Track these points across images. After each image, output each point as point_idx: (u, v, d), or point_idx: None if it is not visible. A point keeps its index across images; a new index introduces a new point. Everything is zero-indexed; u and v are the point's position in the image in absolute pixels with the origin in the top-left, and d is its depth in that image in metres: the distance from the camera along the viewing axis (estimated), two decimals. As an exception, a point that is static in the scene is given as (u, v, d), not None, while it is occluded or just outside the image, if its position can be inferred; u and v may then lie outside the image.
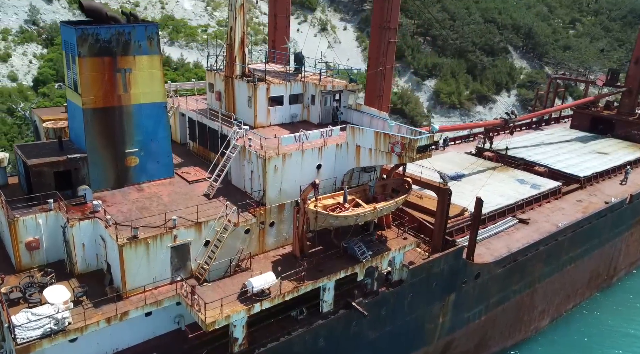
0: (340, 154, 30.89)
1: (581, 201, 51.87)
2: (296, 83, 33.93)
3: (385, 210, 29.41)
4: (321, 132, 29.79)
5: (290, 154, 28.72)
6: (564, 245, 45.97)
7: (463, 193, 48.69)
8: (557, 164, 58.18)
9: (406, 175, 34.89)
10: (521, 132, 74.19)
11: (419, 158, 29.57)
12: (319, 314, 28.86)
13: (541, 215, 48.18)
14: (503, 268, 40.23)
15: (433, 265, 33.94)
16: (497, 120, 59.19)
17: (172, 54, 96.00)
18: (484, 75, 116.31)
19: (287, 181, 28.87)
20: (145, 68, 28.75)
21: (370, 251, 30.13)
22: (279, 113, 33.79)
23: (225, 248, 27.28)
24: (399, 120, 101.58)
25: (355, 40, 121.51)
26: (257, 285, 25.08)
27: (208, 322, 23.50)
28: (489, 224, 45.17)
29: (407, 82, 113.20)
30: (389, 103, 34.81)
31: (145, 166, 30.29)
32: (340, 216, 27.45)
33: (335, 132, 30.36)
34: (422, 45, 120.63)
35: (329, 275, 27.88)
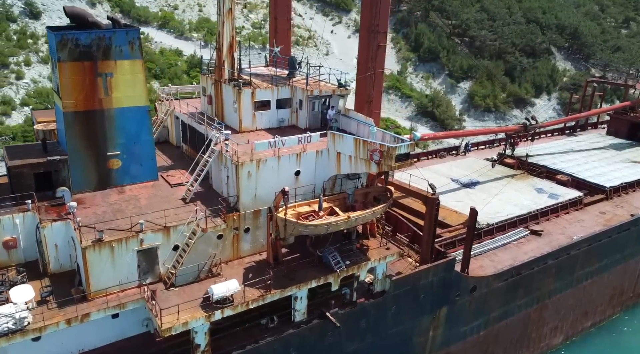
0: (321, 161, 30.30)
1: (604, 213, 49.13)
2: (284, 87, 33.56)
3: (361, 219, 28.60)
4: (299, 138, 29.30)
5: (265, 160, 28.37)
6: (579, 259, 43.59)
7: (474, 202, 47.02)
8: (583, 173, 55.36)
9: (393, 183, 33.91)
10: (552, 137, 71.22)
11: (398, 167, 28.65)
12: (290, 324, 28.39)
13: (557, 227, 45.93)
14: (504, 281, 38.52)
15: (420, 277, 32.82)
16: (515, 126, 56.84)
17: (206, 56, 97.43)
18: (522, 77, 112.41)
19: (262, 187, 28.55)
20: (127, 73, 29.09)
21: (347, 261, 29.40)
22: (265, 118, 33.50)
23: (196, 253, 27.25)
24: (429, 123, 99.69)
25: (390, 41, 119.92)
26: (218, 292, 24.87)
27: (164, 328, 23.47)
28: (497, 235, 43.45)
29: (441, 84, 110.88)
30: (380, 108, 33.87)
31: (128, 169, 30.66)
32: (310, 225, 26.88)
33: (315, 138, 29.79)
34: (458, 47, 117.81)
35: (299, 284, 27.34)
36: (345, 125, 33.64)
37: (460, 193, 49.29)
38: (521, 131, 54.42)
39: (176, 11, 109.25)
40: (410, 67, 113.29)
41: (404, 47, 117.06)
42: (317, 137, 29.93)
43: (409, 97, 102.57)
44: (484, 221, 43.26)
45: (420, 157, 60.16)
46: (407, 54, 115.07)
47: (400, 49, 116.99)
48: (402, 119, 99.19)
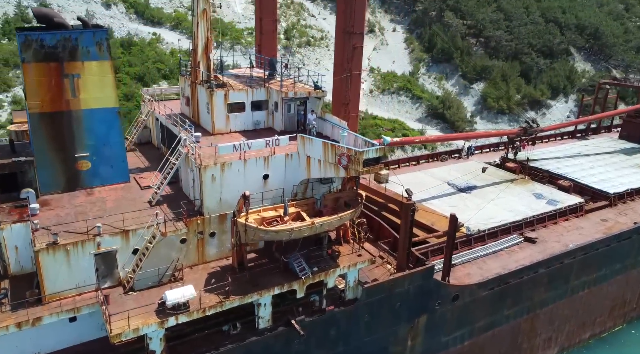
0: (291, 164, 29.61)
1: (606, 221, 47.28)
2: (259, 89, 32.96)
3: (327, 225, 27.79)
4: (266, 141, 28.66)
5: (230, 163, 27.81)
6: (573, 268, 41.96)
7: (467, 207, 45.88)
8: (587, 178, 53.47)
9: (370, 188, 33.01)
10: (562, 141, 69.15)
11: (366, 172, 27.80)
12: (254, 331, 27.77)
13: (553, 234, 44.35)
14: (490, 290, 37.24)
15: (395, 285, 31.85)
16: (515, 129, 55.22)
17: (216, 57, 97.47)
18: (539, 78, 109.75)
19: (228, 191, 27.99)
20: (95, 74, 28.87)
21: (316, 267, 28.66)
22: (240, 120, 32.96)
23: (159, 257, 26.87)
24: (439, 125, 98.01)
25: (404, 42, 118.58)
26: (172, 298, 24.41)
27: (113, 333, 23.09)
28: (488, 241, 42.11)
29: (454, 85, 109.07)
30: (358, 111, 32.99)
31: (98, 170, 30.46)
32: (271, 231, 26.22)
33: (283, 141, 29.11)
34: (473, 47, 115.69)
35: (260, 290, 26.70)
36: (321, 128, 32.88)
37: (455, 198, 48.04)
38: (521, 134, 52.73)
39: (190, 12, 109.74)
40: (423, 68, 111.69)
41: (417, 47, 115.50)
42: (286, 140, 29.25)
43: (420, 98, 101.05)
44: (475, 228, 42.00)
45: (421, 160, 59.07)
46: (420, 54, 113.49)
47: (414, 49, 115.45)
48: (412, 121, 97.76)
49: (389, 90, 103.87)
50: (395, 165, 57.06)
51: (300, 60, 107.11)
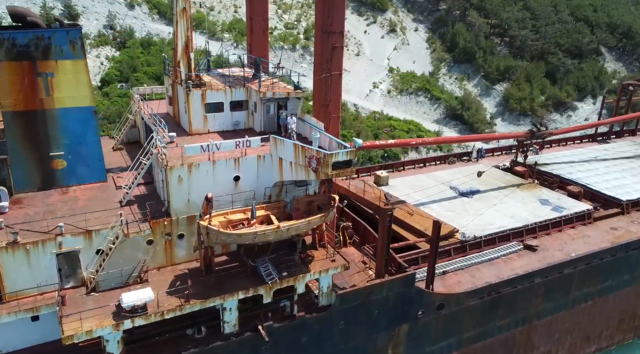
0: (264, 166, 28.94)
1: (615, 230, 45.02)
2: (238, 89, 32.39)
3: (294, 229, 26.98)
4: (236, 142, 28.04)
5: (197, 164, 27.32)
6: (574, 278, 40.01)
7: (466, 212, 44.43)
8: (600, 184, 51.13)
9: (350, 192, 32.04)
10: (581, 144, 66.45)
11: (336, 175, 26.89)
12: (220, 335, 27.23)
13: (556, 243, 42.48)
14: (480, 299, 35.79)
15: (372, 292, 30.82)
16: (521, 132, 53.17)
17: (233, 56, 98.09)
18: (565, 79, 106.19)
19: (196, 192, 27.49)
20: (69, 73, 28.82)
21: (285, 272, 27.93)
22: (218, 120, 32.45)
23: (124, 258, 26.62)
24: (457, 127, 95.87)
25: (426, 41, 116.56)
26: (128, 301, 24.04)
27: (66, 335, 22.88)
28: (485, 248, 40.58)
29: (476, 86, 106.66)
30: (339, 112, 32.06)
31: (74, 169, 30.43)
32: (233, 234, 25.60)
33: (255, 143, 28.45)
34: (497, 47, 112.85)
35: (223, 294, 26.13)
36: (302, 130, 32.10)
37: (456, 202, 46.58)
38: (528, 138, 50.73)
39: (212, 12, 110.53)
40: (444, 68, 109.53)
41: (439, 47, 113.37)
42: (258, 141, 28.60)
43: (439, 99, 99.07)
44: (471, 234, 40.55)
45: (428, 162, 57.59)
46: (442, 54, 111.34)
47: (435, 49, 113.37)
48: (429, 122, 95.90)
49: (407, 91, 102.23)
50: (400, 167, 55.88)
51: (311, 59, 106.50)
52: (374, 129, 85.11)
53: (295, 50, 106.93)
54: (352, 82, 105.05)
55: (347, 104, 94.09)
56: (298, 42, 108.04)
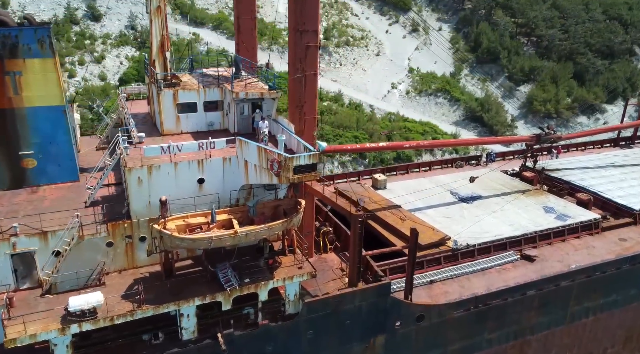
0: (230, 168, 28.06)
1: (625, 241, 42.44)
2: (212, 89, 31.63)
3: (253, 234, 26.00)
4: (199, 144, 27.26)
5: (158, 166, 26.66)
6: (573, 291, 37.79)
7: (464, 218, 42.66)
8: (613, 192, 48.39)
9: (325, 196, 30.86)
10: (600, 149, 63.27)
11: (298, 180, 25.81)
12: (177, 342, 26.52)
13: (558, 253, 40.30)
14: (466, 311, 34.09)
15: (343, 301, 29.58)
16: (526, 136, 50.76)
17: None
18: (594, 80, 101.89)
19: (158, 194, 26.76)
20: (38, 72, 28.61)
21: (247, 278, 27.01)
22: (191, 121, 31.75)
23: (83, 260, 26.20)
24: (477, 129, 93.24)
25: (449, 41, 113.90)
26: (75, 305, 23.55)
27: (8, 338, 22.53)
28: (479, 257, 38.78)
29: (499, 87, 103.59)
30: (315, 114, 30.92)
31: (45, 168, 30.25)
32: (187, 239, 24.81)
33: (219, 144, 27.60)
34: (524, 47, 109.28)
35: (178, 300, 25.38)
36: (276, 131, 31.11)
37: (454, 208, 44.79)
38: (534, 142, 48.37)
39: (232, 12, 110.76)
40: (467, 68, 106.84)
41: (463, 47, 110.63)
42: (223, 143, 27.74)
43: (458, 100, 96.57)
44: (464, 242, 38.80)
45: (433, 166, 55.78)
46: (465, 54, 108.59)
47: (458, 49, 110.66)
48: (447, 124, 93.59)
49: (427, 92, 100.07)
50: (404, 171, 54.28)
51: (337, 60, 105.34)
52: (388, 131, 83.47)
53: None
54: (371, 83, 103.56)
55: (362, 105, 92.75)
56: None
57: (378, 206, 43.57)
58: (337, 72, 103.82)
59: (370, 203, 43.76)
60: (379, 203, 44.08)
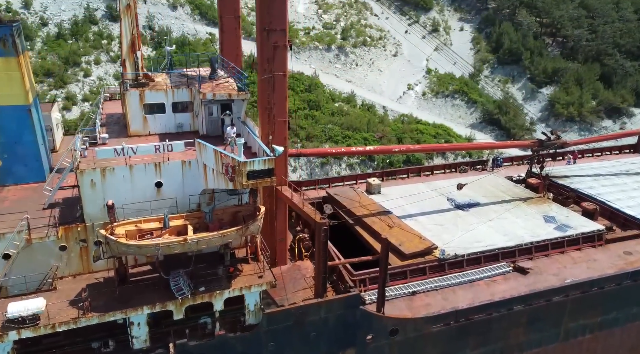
0: (190, 172, 27.07)
1: (630, 254, 39.85)
2: (181, 89, 30.70)
3: (204, 242, 24.87)
4: (156, 146, 26.34)
5: (112, 168, 25.86)
6: (567, 307, 35.51)
7: (456, 226, 40.81)
8: (623, 201, 45.63)
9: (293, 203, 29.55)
10: (617, 155, 59.98)
11: (253, 185, 24.61)
12: (128, 351, 25.66)
13: (555, 266, 38.09)
14: (445, 326, 32.29)
15: (306, 312, 28.22)
16: (527, 141, 48.29)
17: None
18: (622, 83, 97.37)
19: (112, 198, 25.91)
20: (1, 71, 28.23)
21: (203, 287, 25.97)
22: (160, 122, 30.87)
23: (35, 263, 25.65)
24: (494, 132, 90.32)
25: (470, 41, 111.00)
26: (14, 311, 22.90)
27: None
28: (468, 268, 36.89)
29: (521, 89, 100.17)
30: (286, 116, 29.62)
31: (11, 169, 29.91)
32: (133, 245, 23.89)
33: (178, 147, 26.62)
34: (548, 47, 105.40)
35: (127, 309, 24.50)
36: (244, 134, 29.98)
37: (448, 215, 42.91)
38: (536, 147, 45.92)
39: (253, 12, 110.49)
40: (487, 69, 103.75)
41: (484, 48, 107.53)
42: (181, 145, 26.76)
43: (476, 102, 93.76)
44: (452, 251, 36.96)
45: (435, 170, 53.79)
46: (486, 55, 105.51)
47: (479, 49, 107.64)
48: (463, 127, 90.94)
49: (443, 93, 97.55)
50: (404, 175, 52.51)
51: (353, 60, 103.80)
52: (399, 133, 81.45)
53: (330, 51, 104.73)
54: (386, 84, 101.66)
55: (375, 106, 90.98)
56: (334, 42, 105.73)
57: (367, 211, 42.05)
58: (352, 72, 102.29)
59: (359, 209, 42.32)
60: (369, 208, 42.54)
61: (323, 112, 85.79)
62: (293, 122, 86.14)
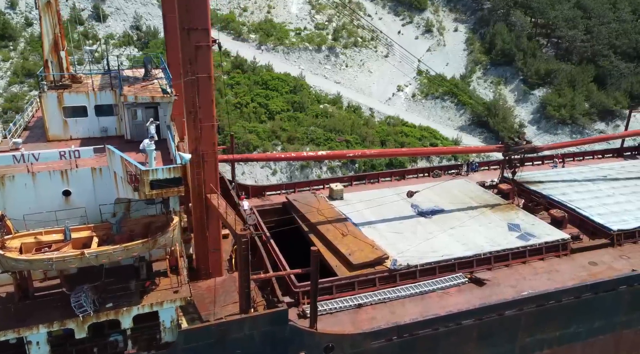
0: (102, 180, 25.56)
1: (595, 265, 37.81)
2: (104, 92, 29.21)
3: (105, 256, 23.26)
4: (61, 153, 24.85)
5: (11, 176, 24.39)
6: (520, 322, 33.52)
7: (414, 235, 39.07)
8: (595, 208, 43.50)
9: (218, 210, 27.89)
10: (599, 160, 57.70)
11: (158, 195, 23.02)
12: (29, 370, 24.18)
13: (514, 277, 36.20)
14: (387, 341, 30.46)
15: (228, 329, 26.54)
16: (492, 146, 46.29)
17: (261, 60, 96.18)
18: (617, 85, 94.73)
19: (14, 207, 24.54)
20: None
21: (111, 303, 24.42)
22: (82, 126, 29.39)
23: None
24: (483, 135, 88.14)
25: (464, 42, 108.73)
26: None
27: None
28: (421, 279, 35.06)
29: (513, 91, 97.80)
30: (213, 120, 27.99)
31: None
32: (22, 260, 22.36)
33: (86, 153, 25.11)
34: (543, 48, 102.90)
35: (19, 328, 22.95)
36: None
37: (408, 223, 41.12)
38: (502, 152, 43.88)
39: (245, 13, 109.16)
40: (480, 71, 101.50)
41: (478, 49, 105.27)
42: (90, 152, 25.25)
43: (465, 104, 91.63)
44: (405, 262, 35.17)
45: (408, 175, 51.95)
46: (479, 56, 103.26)
47: (473, 51, 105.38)
48: (452, 129, 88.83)
49: (433, 95, 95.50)
50: (375, 179, 50.76)
51: (343, 61, 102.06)
52: (383, 135, 79.60)
53: (321, 51, 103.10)
54: (376, 85, 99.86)
55: (361, 108, 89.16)
56: (324, 42, 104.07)
57: (323, 218, 40.40)
58: (342, 73, 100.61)
59: (315, 216, 40.69)
60: (326, 215, 40.89)
61: (307, 114, 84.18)
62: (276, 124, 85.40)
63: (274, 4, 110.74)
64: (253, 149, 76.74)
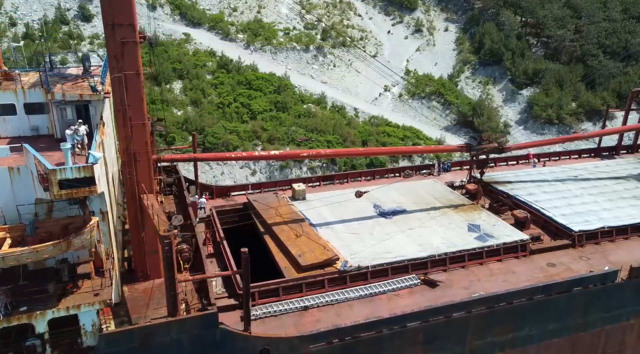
0: (21, 180, 24.97)
1: (553, 266, 36.90)
2: (34, 90, 28.65)
3: (12, 259, 22.55)
4: (-28, 152, 24.35)
5: None
6: (469, 324, 32.65)
7: (371, 236, 38.35)
8: (561, 209, 42.51)
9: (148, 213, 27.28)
10: (575, 160, 56.64)
11: (68, 196, 22.40)
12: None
13: (469, 278, 35.33)
14: (327, 345, 29.65)
15: (153, 333, 25.88)
16: (454, 146, 45.37)
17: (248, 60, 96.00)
18: (605, 84, 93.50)
19: None
20: None
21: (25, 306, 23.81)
22: (11, 125, 28.81)
23: None
24: (468, 135, 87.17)
25: (454, 42, 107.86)
26: None
27: None
28: (373, 281, 34.28)
29: (501, 90, 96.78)
30: (144, 119, 27.38)
31: None
32: None
33: (2, 152, 24.55)
34: (532, 48, 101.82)
35: None
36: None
37: (367, 223, 40.34)
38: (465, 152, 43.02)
39: (235, 12, 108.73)
40: (469, 70, 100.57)
41: (468, 48, 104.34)
42: (7, 150, 24.69)
43: (451, 104, 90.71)
44: (356, 263, 34.42)
45: (377, 175, 51.12)
46: (468, 56, 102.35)
47: (462, 50, 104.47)
48: (437, 129, 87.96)
49: (420, 95, 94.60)
50: (344, 179, 50.00)
51: (331, 61, 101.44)
52: (365, 135, 78.85)
53: (309, 51, 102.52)
54: (363, 85, 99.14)
55: (345, 108, 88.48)
56: (312, 42, 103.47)
57: (280, 219, 39.70)
58: (329, 73, 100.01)
59: (273, 216, 40.03)
60: (283, 216, 40.17)
61: (289, 114, 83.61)
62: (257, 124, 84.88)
63: (264, 4, 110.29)
64: (233, 149, 76.27)
